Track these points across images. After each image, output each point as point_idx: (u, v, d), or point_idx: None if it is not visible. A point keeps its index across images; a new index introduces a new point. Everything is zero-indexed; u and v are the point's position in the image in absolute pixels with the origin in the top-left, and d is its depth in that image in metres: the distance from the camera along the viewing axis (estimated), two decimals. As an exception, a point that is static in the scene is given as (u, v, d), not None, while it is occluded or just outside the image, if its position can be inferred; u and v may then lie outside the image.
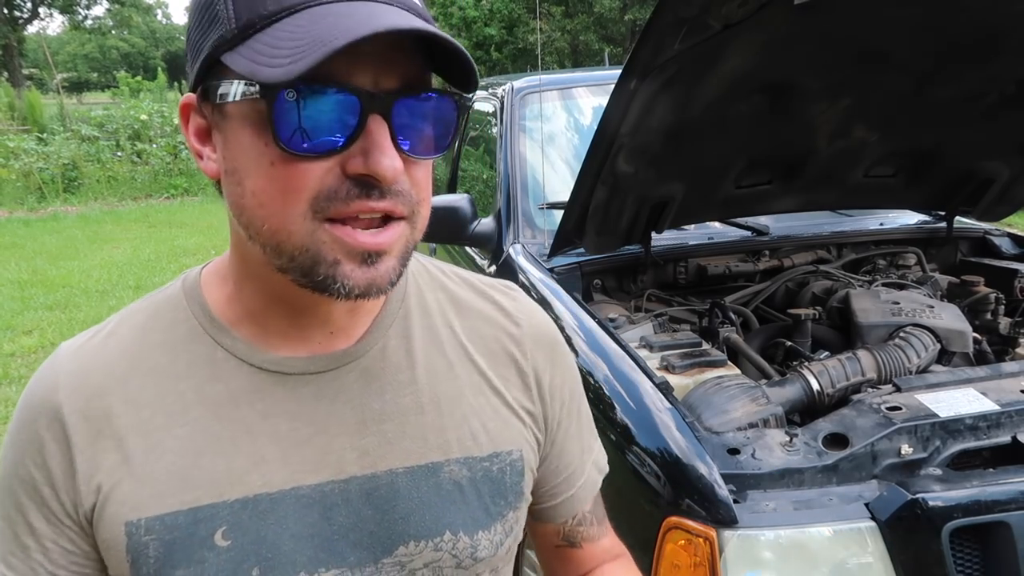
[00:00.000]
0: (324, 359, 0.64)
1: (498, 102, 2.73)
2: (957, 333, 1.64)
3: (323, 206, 0.54)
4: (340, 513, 0.62)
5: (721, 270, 2.16)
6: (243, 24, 0.53)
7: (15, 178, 10.11)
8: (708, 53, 1.38)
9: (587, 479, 0.79)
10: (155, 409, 0.61)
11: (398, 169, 0.54)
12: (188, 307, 0.65)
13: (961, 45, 1.56)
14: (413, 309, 0.70)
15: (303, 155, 0.53)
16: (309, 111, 0.52)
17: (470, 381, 0.69)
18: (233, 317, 0.64)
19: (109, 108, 13.32)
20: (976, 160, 2.06)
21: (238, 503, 0.60)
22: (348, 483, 0.63)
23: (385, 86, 0.54)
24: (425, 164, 0.58)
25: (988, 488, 1.14)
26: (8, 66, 22.41)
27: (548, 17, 13.05)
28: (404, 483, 0.64)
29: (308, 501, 0.62)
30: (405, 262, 0.59)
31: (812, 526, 1.13)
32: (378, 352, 0.66)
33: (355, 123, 0.53)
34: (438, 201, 2.27)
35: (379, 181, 0.53)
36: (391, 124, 0.54)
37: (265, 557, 0.60)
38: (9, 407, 3.70)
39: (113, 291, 5.79)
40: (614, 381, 1.42)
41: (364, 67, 0.53)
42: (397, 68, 0.54)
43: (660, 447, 1.25)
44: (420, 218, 0.59)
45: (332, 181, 0.54)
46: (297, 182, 0.54)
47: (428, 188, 0.59)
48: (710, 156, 1.79)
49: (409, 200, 0.56)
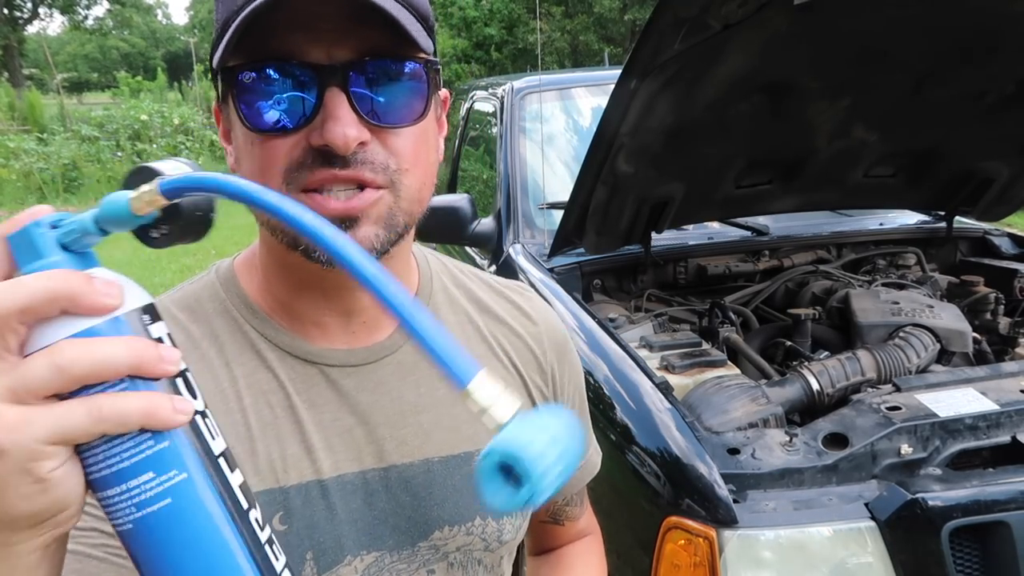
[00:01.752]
0: (363, 352, 0.66)
1: (498, 102, 2.73)
2: (957, 333, 1.64)
3: (294, 177, 0.56)
4: (381, 499, 0.65)
5: (721, 270, 2.16)
6: (222, 23, 0.55)
7: (15, 178, 10.11)
8: (708, 53, 1.38)
9: (586, 463, 0.85)
10: (211, 396, 0.62)
11: (350, 136, 0.54)
12: (227, 297, 0.66)
13: (961, 45, 1.56)
14: (442, 305, 0.73)
15: (270, 133, 0.55)
16: (268, 90, 0.55)
17: (499, 375, 0.71)
18: (269, 308, 0.66)
19: (109, 108, 13.33)
20: (976, 160, 2.06)
21: (293, 489, 0.62)
22: (388, 471, 0.65)
23: (341, 57, 0.55)
24: (404, 133, 0.58)
25: (988, 488, 1.14)
26: (8, 66, 22.42)
27: (548, 17, 13.05)
28: (440, 471, 0.67)
29: (352, 488, 0.64)
30: (393, 230, 0.59)
31: (812, 526, 1.13)
32: (412, 346, 0.67)
33: (313, 96, 0.54)
34: (438, 201, 2.27)
35: (335, 150, 0.54)
36: (349, 94, 0.54)
37: (318, 541, 0.62)
38: (9, 407, 3.70)
39: (113, 291, 5.80)
40: (614, 381, 1.42)
41: (320, 41, 0.54)
42: (354, 38, 0.55)
43: (660, 447, 1.25)
44: (404, 187, 0.59)
45: (299, 154, 0.55)
46: (271, 159, 0.56)
47: (414, 157, 0.59)
48: (710, 156, 1.79)
49: (384, 169, 0.57)
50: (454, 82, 11.47)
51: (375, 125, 0.56)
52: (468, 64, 13.06)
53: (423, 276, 0.73)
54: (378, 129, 0.57)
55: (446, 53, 12.95)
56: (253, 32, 0.52)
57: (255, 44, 0.54)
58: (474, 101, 3.24)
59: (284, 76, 0.55)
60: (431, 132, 0.63)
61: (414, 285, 0.72)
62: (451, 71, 12.72)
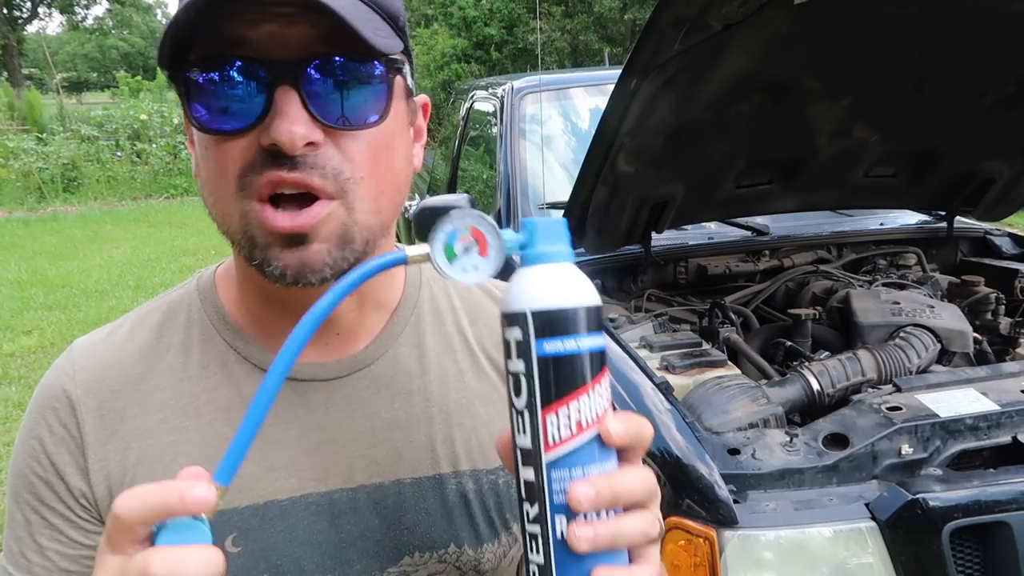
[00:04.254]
0: (335, 365, 0.63)
1: (498, 102, 2.73)
2: (957, 333, 1.64)
3: (246, 182, 0.53)
4: (348, 521, 0.62)
5: (721, 270, 2.16)
6: (171, 21, 0.53)
7: (15, 178, 10.11)
8: (708, 53, 1.37)
9: None
10: (168, 412, 0.61)
11: (297, 134, 0.50)
12: (202, 307, 0.65)
13: (961, 44, 1.56)
14: (426, 315, 0.69)
15: (223, 134, 0.53)
16: (216, 89, 0.52)
17: (481, 390, 0.68)
18: (243, 320, 0.64)
19: (109, 108, 13.36)
20: (976, 160, 2.05)
21: (248, 510, 0.60)
22: (356, 492, 0.62)
23: (295, 49, 0.52)
24: (361, 137, 0.54)
25: (988, 488, 1.14)
26: (7, 66, 22.40)
27: (548, 17, 13.05)
28: (411, 494, 0.64)
29: (317, 508, 0.61)
30: (348, 248, 0.55)
31: (812, 526, 1.12)
32: (389, 359, 0.65)
33: (264, 94, 0.51)
34: (438, 201, 2.26)
35: (282, 149, 0.51)
36: (301, 92, 0.51)
37: (275, 564, 0.60)
38: (8, 407, 3.69)
39: (113, 291, 5.79)
40: (615, 382, 1.42)
41: (273, 29, 0.51)
42: (313, 26, 0.52)
43: (660, 447, 1.25)
44: (359, 198, 0.54)
45: (251, 155, 0.53)
46: (224, 162, 0.53)
47: (371, 165, 0.55)
48: (710, 156, 1.79)
49: (335, 176, 0.53)
50: (454, 82, 11.46)
51: (327, 126, 0.53)
52: (468, 64, 13.05)
53: (410, 286, 0.69)
54: (332, 131, 0.53)
55: (446, 53, 12.94)
56: (197, 23, 0.50)
57: (202, 37, 0.51)
58: (474, 101, 3.24)
59: (234, 74, 0.52)
60: (398, 139, 0.59)
61: (396, 299, 0.68)
62: (451, 71, 12.71)
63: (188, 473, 0.44)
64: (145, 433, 0.60)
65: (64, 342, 4.60)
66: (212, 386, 0.62)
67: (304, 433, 0.62)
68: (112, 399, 0.61)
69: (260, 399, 0.44)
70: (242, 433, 0.45)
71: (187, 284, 0.68)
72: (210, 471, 0.58)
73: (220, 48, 0.52)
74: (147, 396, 0.61)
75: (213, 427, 0.61)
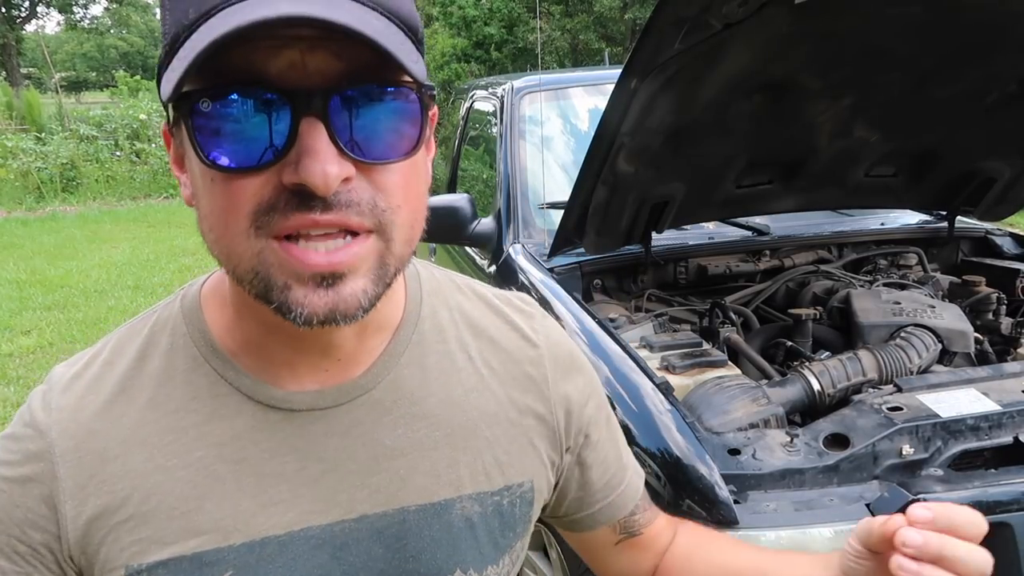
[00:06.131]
0: (333, 392, 0.60)
1: (498, 102, 2.72)
2: (958, 333, 1.64)
3: (264, 220, 0.48)
4: (351, 553, 0.60)
5: (721, 270, 2.15)
6: (171, 39, 0.48)
7: (13, 178, 10.10)
8: (709, 52, 1.37)
9: (632, 475, 0.79)
10: (154, 450, 0.57)
11: (331, 174, 0.46)
12: (188, 332, 0.60)
13: (962, 44, 1.56)
14: (428, 333, 0.66)
15: (235, 172, 0.47)
16: (230, 120, 0.47)
17: (485, 411, 0.66)
18: (235, 347, 0.60)
19: (108, 107, 13.34)
20: (977, 159, 2.05)
21: (244, 547, 0.57)
22: (359, 522, 0.60)
23: (319, 81, 0.47)
24: (393, 169, 0.50)
25: (989, 489, 1.14)
26: (6, 65, 22.39)
27: (548, 16, 13.05)
28: (415, 521, 0.62)
29: (318, 542, 0.59)
30: (382, 282, 0.51)
31: (813, 527, 1.12)
32: (390, 383, 0.62)
33: (286, 127, 0.46)
34: (438, 201, 2.26)
35: (314, 191, 0.46)
36: (329, 125, 0.47)
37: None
38: (7, 407, 3.69)
39: (112, 291, 5.79)
40: (614, 382, 1.41)
41: (294, 58, 0.46)
42: (336, 55, 0.47)
43: (661, 448, 1.25)
44: (396, 228, 0.51)
45: (270, 193, 0.48)
46: (235, 199, 0.48)
47: (404, 193, 0.51)
48: (710, 156, 1.79)
49: (371, 210, 0.49)
50: (454, 82, 11.46)
51: (360, 161, 0.48)
52: (468, 64, 13.05)
53: (411, 302, 0.66)
54: (364, 166, 0.49)
55: (446, 53, 12.95)
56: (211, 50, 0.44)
57: (213, 63, 0.45)
58: (474, 101, 3.23)
59: (250, 103, 0.46)
60: (421, 160, 0.55)
61: (397, 318, 0.64)
62: (451, 71, 12.72)
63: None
64: (130, 474, 0.56)
65: (63, 342, 4.60)
66: (201, 420, 0.58)
67: (304, 465, 0.59)
68: (91, 440, 0.57)
69: None
70: None
71: (170, 304, 0.63)
72: (203, 511, 0.56)
73: (233, 77, 0.46)
74: (129, 434, 0.57)
75: (204, 463, 0.57)
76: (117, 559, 0.56)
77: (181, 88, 0.46)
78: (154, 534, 0.56)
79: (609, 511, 0.77)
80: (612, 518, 0.77)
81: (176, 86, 0.46)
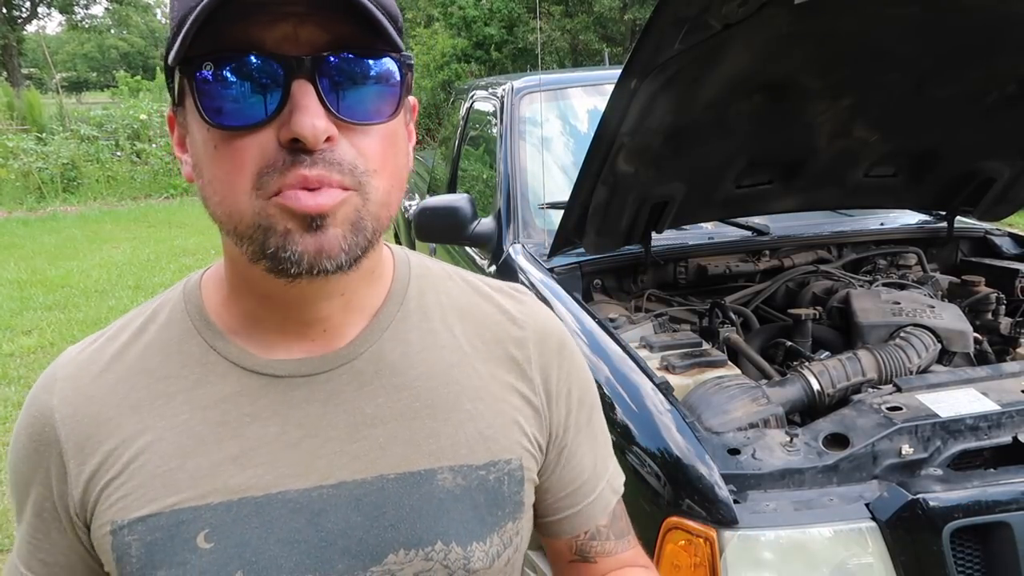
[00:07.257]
0: (316, 361, 0.63)
1: (498, 102, 2.73)
2: (958, 333, 1.64)
3: (265, 182, 0.53)
4: (328, 519, 0.61)
5: (721, 270, 2.15)
6: (177, 21, 0.53)
7: (14, 178, 10.10)
8: (708, 53, 1.37)
9: (599, 496, 0.76)
10: (144, 412, 0.61)
11: (319, 128, 0.52)
12: (185, 308, 0.65)
13: (961, 44, 1.56)
14: (412, 312, 0.68)
15: (235, 130, 0.53)
16: (231, 83, 0.52)
17: (468, 386, 0.67)
18: (230, 321, 0.64)
19: (108, 108, 13.31)
20: (977, 160, 2.05)
21: (221, 506, 0.60)
22: (337, 488, 0.62)
23: (309, 49, 0.53)
24: (373, 132, 0.56)
25: (989, 488, 1.14)
26: (7, 65, 22.39)
27: (548, 17, 13.04)
28: (394, 490, 0.63)
29: (295, 506, 0.61)
30: (361, 234, 0.56)
31: (812, 526, 1.12)
32: (373, 354, 0.65)
33: (280, 89, 0.52)
34: (438, 201, 2.27)
35: (303, 143, 0.52)
36: (317, 86, 0.53)
37: (249, 561, 0.59)
38: (8, 407, 3.69)
39: (112, 291, 5.79)
40: (614, 382, 1.42)
41: (287, 30, 0.52)
42: (324, 28, 0.53)
43: (660, 447, 1.25)
44: (373, 189, 0.56)
45: (271, 153, 0.53)
46: (239, 160, 0.53)
47: (383, 159, 0.57)
48: (710, 156, 1.79)
49: (351, 171, 0.54)
50: (454, 82, 11.46)
51: (343, 121, 0.54)
52: (468, 64, 13.04)
53: (397, 283, 0.69)
54: (346, 126, 0.54)
55: (446, 53, 12.94)
56: (212, 23, 0.50)
57: (215, 35, 0.51)
58: (474, 101, 3.23)
59: (248, 68, 0.52)
60: (400, 136, 0.60)
61: (382, 298, 0.67)
62: (451, 71, 12.71)
63: None
64: (121, 435, 0.61)
65: (64, 342, 4.60)
66: (189, 386, 0.62)
67: (284, 430, 0.62)
68: (87, 405, 0.62)
69: None
70: None
71: (175, 288, 0.68)
72: (184, 469, 0.60)
73: (233, 46, 0.52)
74: (122, 399, 0.62)
75: (188, 425, 0.61)
76: (105, 515, 0.60)
77: (186, 49, 0.51)
78: (137, 491, 0.60)
79: (572, 523, 0.75)
80: (573, 531, 0.75)
81: (180, 48, 0.51)
